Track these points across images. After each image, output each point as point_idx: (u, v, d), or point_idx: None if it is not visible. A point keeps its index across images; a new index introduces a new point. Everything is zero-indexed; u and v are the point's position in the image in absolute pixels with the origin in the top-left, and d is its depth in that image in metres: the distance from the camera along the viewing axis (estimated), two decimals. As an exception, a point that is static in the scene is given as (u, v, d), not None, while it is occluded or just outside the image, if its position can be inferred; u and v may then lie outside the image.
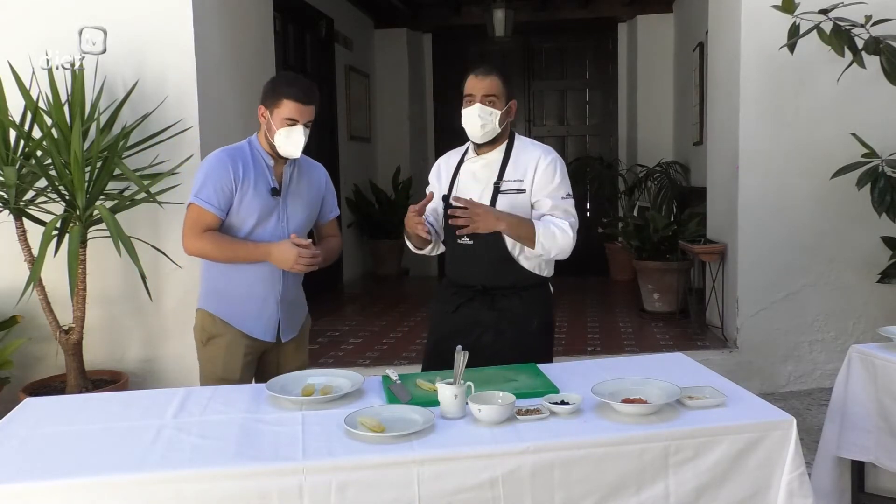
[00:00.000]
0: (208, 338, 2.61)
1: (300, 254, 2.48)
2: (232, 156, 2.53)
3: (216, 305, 2.61)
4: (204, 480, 1.65)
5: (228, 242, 2.52)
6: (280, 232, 2.57)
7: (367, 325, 5.71)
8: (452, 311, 2.62)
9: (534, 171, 2.54)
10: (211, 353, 2.61)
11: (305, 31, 6.75)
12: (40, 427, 1.95)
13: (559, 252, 2.50)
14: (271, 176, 2.57)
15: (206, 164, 2.54)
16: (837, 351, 4.44)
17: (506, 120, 2.58)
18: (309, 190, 2.69)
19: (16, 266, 3.76)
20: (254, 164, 2.55)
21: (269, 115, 2.51)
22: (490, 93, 2.53)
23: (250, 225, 2.54)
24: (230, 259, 2.54)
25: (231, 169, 2.49)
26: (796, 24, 3.73)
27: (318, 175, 2.76)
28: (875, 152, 4.05)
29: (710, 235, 5.31)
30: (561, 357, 4.51)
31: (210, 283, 2.63)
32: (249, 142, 2.61)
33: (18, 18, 4.01)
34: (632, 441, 1.80)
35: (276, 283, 2.61)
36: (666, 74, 7.98)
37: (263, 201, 2.54)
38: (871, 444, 2.61)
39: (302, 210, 2.65)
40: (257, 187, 2.53)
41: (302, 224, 2.66)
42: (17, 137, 3.66)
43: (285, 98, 2.49)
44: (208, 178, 2.49)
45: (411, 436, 1.78)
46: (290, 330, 2.71)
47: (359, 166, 7.99)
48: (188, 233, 2.51)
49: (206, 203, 2.47)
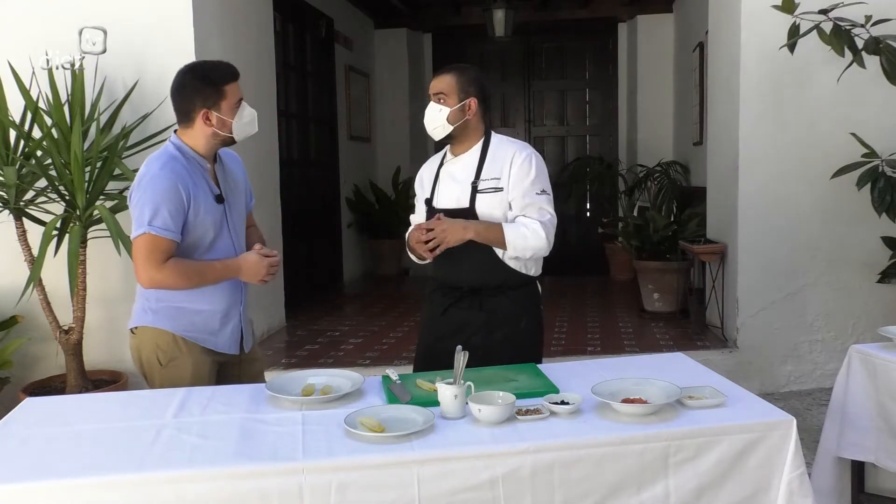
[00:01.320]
0: (168, 359, 2.40)
1: (271, 264, 2.41)
2: (175, 172, 2.31)
3: (175, 323, 2.40)
4: (204, 480, 1.65)
5: (194, 269, 2.35)
6: (232, 240, 2.46)
7: (367, 325, 5.70)
8: (441, 313, 2.62)
9: (509, 166, 2.52)
10: (174, 375, 2.40)
11: (305, 31, 6.76)
12: (40, 427, 1.95)
13: (533, 252, 2.49)
14: (211, 182, 2.42)
15: (151, 188, 2.28)
16: (837, 351, 4.44)
17: (461, 118, 2.54)
18: (238, 183, 2.55)
19: (16, 266, 3.76)
20: (193, 175, 2.36)
21: (218, 111, 2.34)
22: (438, 90, 2.53)
23: (209, 239, 2.39)
24: (199, 285, 2.38)
25: (181, 188, 2.29)
26: (796, 24, 3.73)
27: (237, 164, 2.61)
28: (875, 152, 4.05)
29: (710, 235, 5.31)
30: (561, 357, 4.53)
31: (167, 300, 2.40)
32: (178, 148, 2.38)
33: (18, 18, 4.01)
34: (632, 441, 1.79)
35: (237, 294, 2.49)
36: (666, 74, 7.99)
37: (213, 212, 2.39)
38: (871, 444, 2.61)
39: (239, 208, 2.53)
40: (206, 199, 2.37)
41: (241, 224, 2.54)
42: (17, 137, 3.66)
43: (224, 84, 2.36)
44: (161, 205, 2.26)
45: (411, 436, 1.78)
46: (251, 339, 2.62)
47: (359, 166, 7.99)
48: (145, 266, 2.28)
49: (163, 230, 2.27)
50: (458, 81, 2.54)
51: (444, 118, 2.53)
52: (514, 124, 8.72)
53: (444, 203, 2.59)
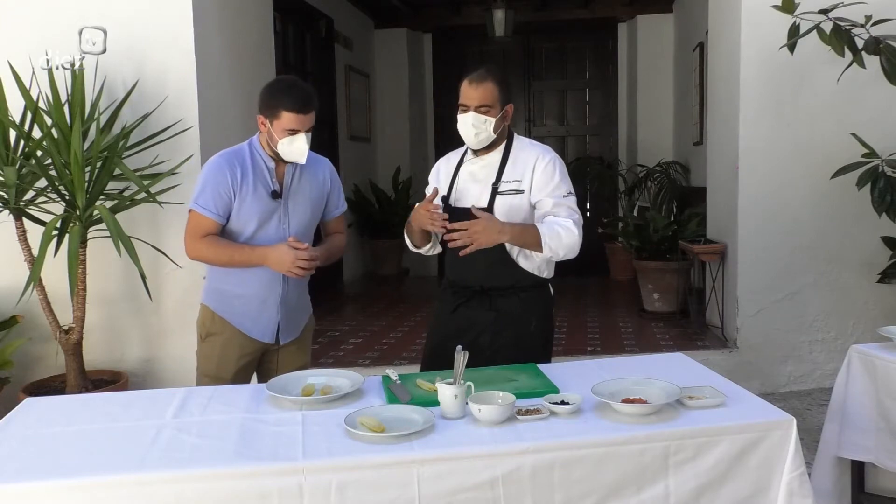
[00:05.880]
0: (207, 334, 2.63)
1: (298, 256, 2.47)
2: (230, 161, 2.51)
3: (217, 303, 2.62)
4: (204, 480, 1.65)
5: (225, 247, 2.51)
6: (282, 234, 2.56)
7: (367, 325, 5.71)
8: (451, 311, 2.62)
9: (532, 171, 2.53)
10: (207, 350, 2.64)
11: (305, 31, 6.75)
12: (40, 427, 1.95)
13: (567, 251, 2.45)
14: (272, 178, 2.55)
15: (205, 170, 2.54)
16: (837, 351, 4.44)
17: (501, 125, 2.55)
18: (312, 188, 2.66)
19: (16, 266, 3.76)
20: (253, 168, 2.53)
21: (270, 125, 2.49)
22: (483, 103, 2.48)
23: (251, 229, 2.54)
24: (227, 263, 2.54)
25: (229, 174, 2.48)
26: (796, 24, 3.73)
27: (322, 171, 2.72)
28: (875, 152, 4.05)
29: (710, 235, 5.31)
30: (561, 357, 4.52)
31: (213, 280, 2.64)
32: (250, 143, 2.59)
33: (18, 18, 4.01)
34: (632, 441, 1.79)
35: (276, 285, 2.60)
36: (666, 74, 7.99)
37: (263, 205, 2.53)
38: (871, 444, 2.61)
39: (305, 210, 2.63)
40: (257, 191, 2.52)
41: (305, 224, 2.64)
42: (17, 137, 3.66)
43: (283, 110, 2.45)
44: (207, 183, 2.49)
45: (411, 436, 1.78)
46: (290, 332, 2.70)
47: (359, 166, 7.99)
48: (188, 237, 2.53)
49: (203, 209, 2.48)
50: (500, 90, 2.51)
51: (490, 129, 2.51)
52: (514, 124, 8.55)
53: (463, 202, 2.57)
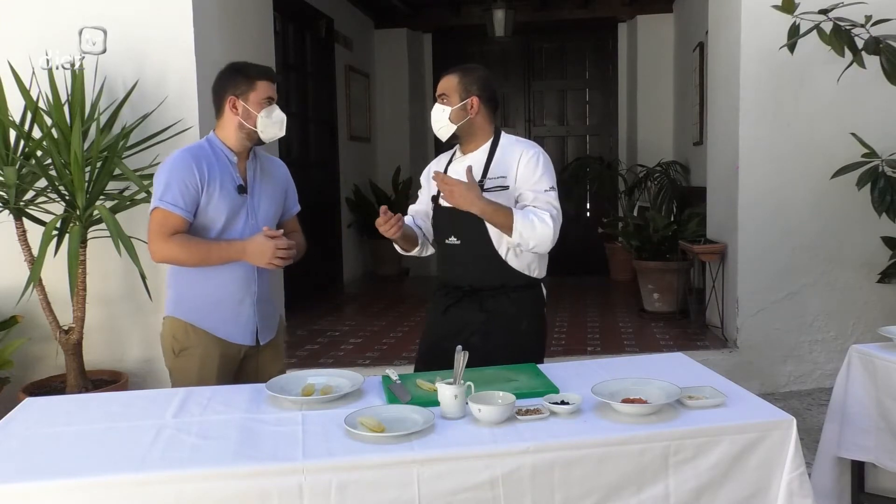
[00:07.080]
0: (181, 349, 2.49)
1: (277, 245, 2.40)
2: (195, 155, 2.43)
3: (188, 312, 2.49)
4: (204, 480, 1.65)
5: (199, 244, 2.40)
6: (249, 230, 2.49)
7: (367, 325, 5.71)
8: (441, 312, 2.62)
9: (517, 165, 2.53)
10: (183, 365, 2.49)
11: (305, 31, 6.76)
12: (40, 427, 1.95)
13: (537, 243, 2.44)
14: (236, 173, 2.49)
15: (167, 166, 2.42)
16: (837, 351, 4.44)
17: (463, 117, 2.56)
18: (273, 185, 2.61)
19: (16, 266, 3.76)
20: (218, 163, 2.46)
21: (245, 102, 2.45)
22: (441, 91, 2.59)
23: (220, 225, 2.45)
24: (202, 262, 2.42)
25: (196, 169, 2.39)
26: (796, 24, 3.73)
27: (278, 168, 2.69)
28: (875, 152, 4.06)
29: (710, 235, 5.31)
30: (561, 357, 4.53)
31: (180, 288, 2.51)
32: (208, 140, 2.52)
33: (18, 18, 4.01)
34: (632, 441, 1.79)
35: (251, 282, 2.51)
36: (666, 74, 7.99)
37: (231, 200, 2.45)
38: (871, 444, 2.61)
39: (269, 205, 2.58)
40: (224, 186, 2.44)
41: (271, 219, 2.58)
42: (17, 137, 3.66)
43: (258, 79, 2.46)
44: (172, 179, 2.37)
45: (411, 436, 1.78)
46: (268, 332, 2.62)
47: (359, 166, 7.99)
48: (154, 238, 2.39)
49: (171, 206, 2.36)
50: (459, 81, 2.58)
51: (447, 118, 2.57)
52: (514, 124, 8.71)
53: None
